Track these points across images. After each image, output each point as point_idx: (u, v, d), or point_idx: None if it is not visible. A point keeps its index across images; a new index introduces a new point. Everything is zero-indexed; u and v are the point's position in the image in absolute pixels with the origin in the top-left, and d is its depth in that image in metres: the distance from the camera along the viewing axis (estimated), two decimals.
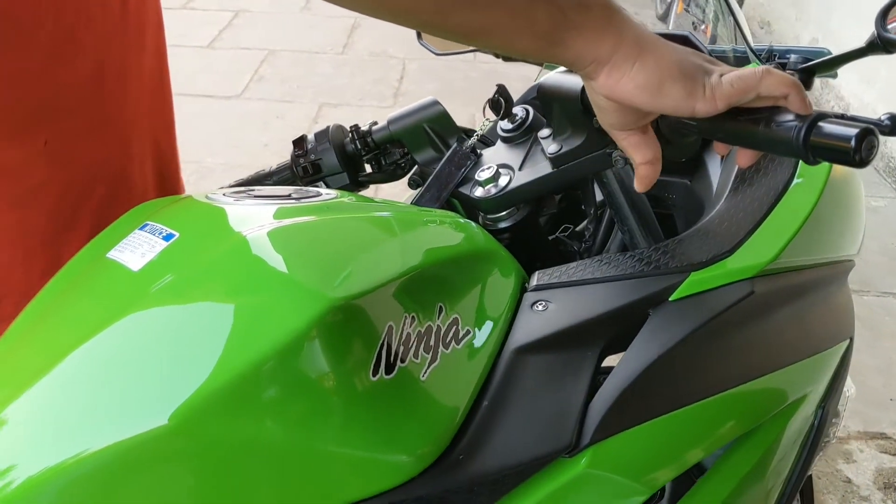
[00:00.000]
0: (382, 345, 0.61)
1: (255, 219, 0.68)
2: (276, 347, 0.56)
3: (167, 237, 0.66)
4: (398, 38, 4.21)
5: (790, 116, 0.63)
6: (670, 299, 0.74)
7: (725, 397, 0.76)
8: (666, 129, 0.73)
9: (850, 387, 1.01)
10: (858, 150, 0.58)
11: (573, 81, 0.80)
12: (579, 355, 0.72)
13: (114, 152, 0.89)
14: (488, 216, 0.91)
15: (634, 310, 0.74)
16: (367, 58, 4.38)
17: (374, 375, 0.60)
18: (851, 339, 0.95)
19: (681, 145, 0.78)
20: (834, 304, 0.92)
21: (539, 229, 0.95)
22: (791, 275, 0.82)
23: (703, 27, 4.27)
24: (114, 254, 0.67)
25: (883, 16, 0.85)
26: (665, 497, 0.78)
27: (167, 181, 1.00)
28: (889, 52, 0.83)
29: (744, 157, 0.71)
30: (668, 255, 0.78)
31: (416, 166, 0.99)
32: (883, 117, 0.69)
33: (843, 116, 0.62)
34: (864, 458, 2.15)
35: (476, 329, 0.70)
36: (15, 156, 0.80)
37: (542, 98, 0.86)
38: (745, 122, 0.66)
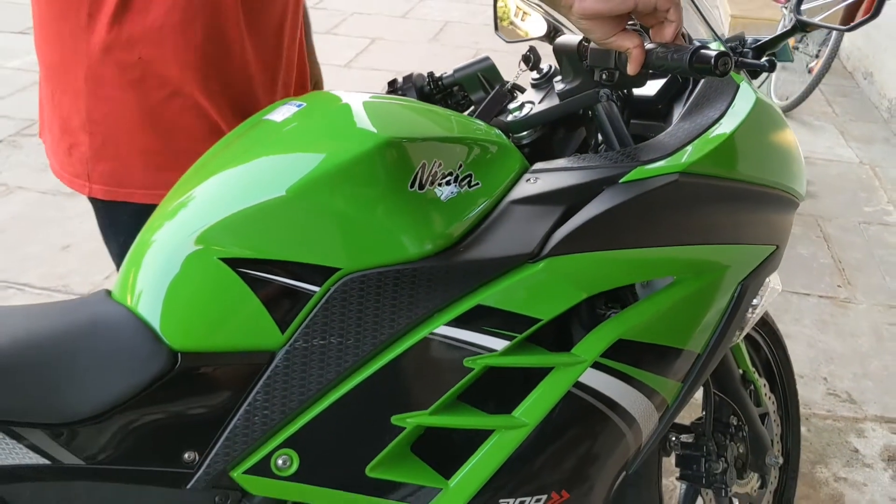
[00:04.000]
0: (418, 172, 0.97)
1: (355, 99, 1.05)
2: (356, 154, 0.93)
3: (299, 106, 1.05)
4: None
5: (684, 50, 0.96)
6: (620, 182, 1.07)
7: (659, 251, 1.07)
8: (621, 66, 1.06)
9: (777, 283, 1.29)
10: (717, 66, 0.91)
11: (573, 40, 1.14)
12: (552, 210, 1.05)
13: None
14: (514, 135, 1.25)
15: (595, 186, 1.06)
16: None
17: (410, 188, 0.96)
18: (778, 247, 1.24)
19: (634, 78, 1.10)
20: (763, 217, 1.21)
21: (552, 151, 1.28)
22: (718, 180, 1.12)
23: (812, 64, 4.50)
24: (267, 117, 1.06)
25: (798, 3, 1.16)
26: (605, 313, 1.10)
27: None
28: (805, 31, 1.15)
29: (632, 67, 1.02)
30: (625, 156, 1.10)
31: (472, 106, 1.35)
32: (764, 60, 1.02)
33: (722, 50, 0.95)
34: (876, 436, 2.34)
35: (484, 184, 1.05)
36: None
37: (556, 53, 1.20)
38: (662, 54, 0.99)
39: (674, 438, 1.50)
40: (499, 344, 1.00)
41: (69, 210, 3.14)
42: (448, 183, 1.00)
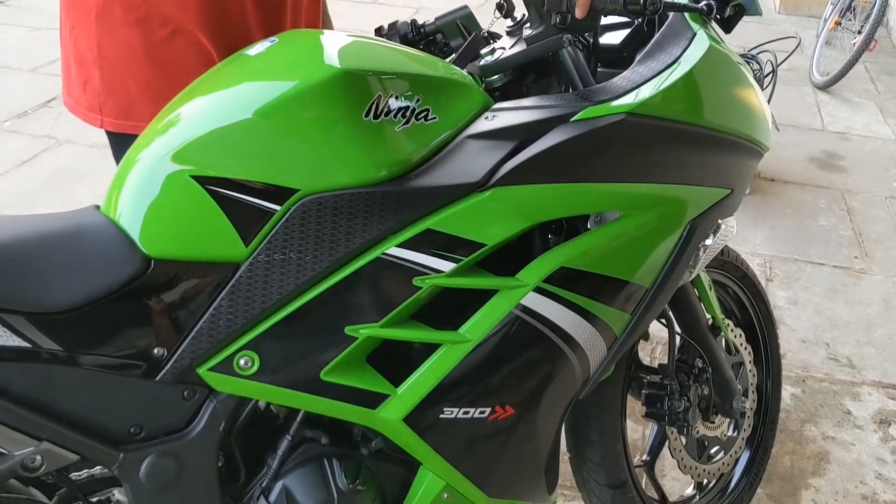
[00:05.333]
0: (373, 102, 1.04)
1: (327, 37, 1.13)
2: (316, 81, 1.02)
3: (272, 41, 1.14)
4: None
5: None
6: (571, 120, 1.13)
7: (604, 186, 1.14)
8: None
9: (732, 226, 1.34)
10: (646, 6, 0.98)
11: None
12: (504, 144, 1.11)
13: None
14: (486, 79, 1.32)
15: (546, 124, 1.13)
16: None
17: (365, 117, 1.04)
18: (733, 192, 1.29)
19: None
20: (716, 161, 1.26)
21: (524, 95, 1.34)
22: (667, 122, 1.17)
23: (854, 40, 4.44)
24: (245, 52, 1.15)
25: None
26: (551, 241, 1.17)
27: None
28: None
29: (580, 11, 1.09)
30: (579, 96, 1.16)
31: (452, 52, 1.42)
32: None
33: None
34: (871, 400, 2.36)
35: (441, 119, 1.12)
36: None
37: (525, 2, 1.26)
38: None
39: (643, 377, 1.56)
40: (446, 266, 1.07)
41: (114, 162, 3.29)
42: (403, 115, 1.08)
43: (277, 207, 1.02)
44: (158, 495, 1.05)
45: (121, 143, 1.47)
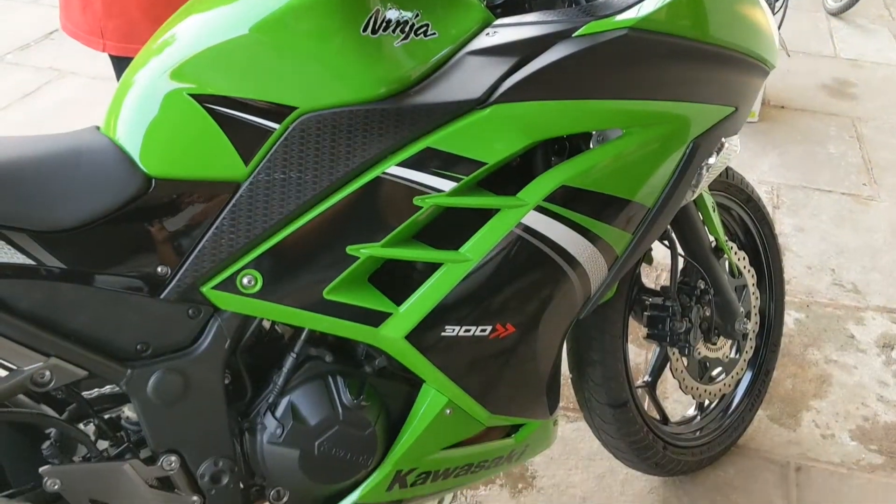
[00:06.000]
0: (371, 16, 1.03)
1: None
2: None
3: None
4: None
5: None
6: (572, 35, 1.11)
7: (606, 103, 1.12)
8: None
9: (735, 145, 1.32)
10: None
11: None
12: (505, 60, 1.10)
13: None
14: None
15: (548, 39, 1.11)
16: None
17: (363, 31, 1.02)
18: (738, 109, 1.27)
19: None
20: (721, 78, 1.24)
21: (523, 11, 1.32)
22: (671, 37, 1.15)
23: None
24: None
25: None
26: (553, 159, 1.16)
27: None
28: None
29: None
30: (582, 11, 1.14)
31: None
32: None
33: None
34: (875, 324, 2.36)
35: (440, 35, 1.10)
36: None
37: None
38: None
39: (645, 299, 1.57)
40: (446, 185, 1.07)
41: None
42: (402, 30, 1.06)
43: (276, 126, 1.01)
44: (167, 411, 1.07)
45: (124, 67, 1.45)
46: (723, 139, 1.29)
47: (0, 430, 1.08)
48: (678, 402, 2.00)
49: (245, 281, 1.05)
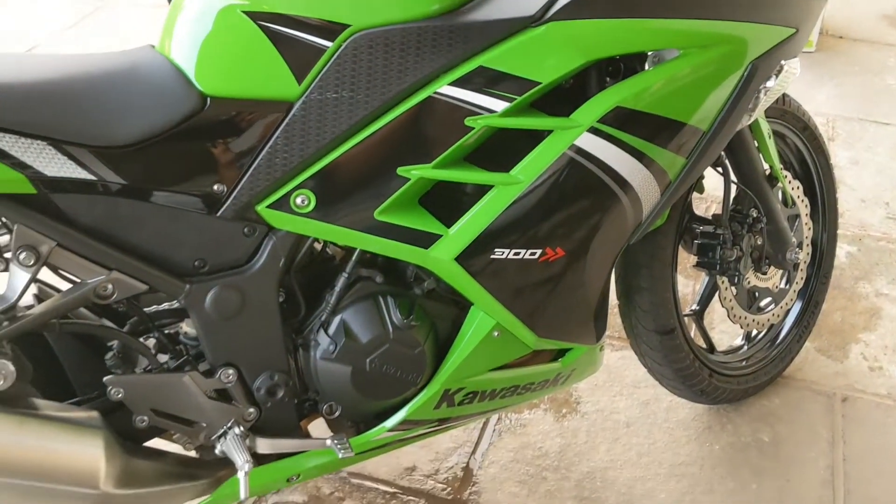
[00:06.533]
0: None
1: None
2: None
3: None
4: None
5: None
6: None
7: (665, 22, 1.09)
8: None
9: (795, 68, 1.28)
10: None
11: None
12: None
13: None
14: None
15: None
16: None
17: None
18: (798, 31, 1.23)
19: None
20: None
21: None
22: None
23: None
24: None
25: None
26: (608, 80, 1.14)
27: None
28: None
29: None
30: None
31: None
32: None
33: None
34: None
35: None
36: None
37: None
38: None
39: (696, 228, 1.54)
40: (499, 105, 1.06)
41: None
42: None
43: (329, 44, 1.01)
44: (224, 325, 1.09)
45: None
46: (782, 62, 1.25)
47: (65, 341, 1.12)
48: (724, 334, 1.99)
49: (298, 201, 1.06)
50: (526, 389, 1.33)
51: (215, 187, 1.03)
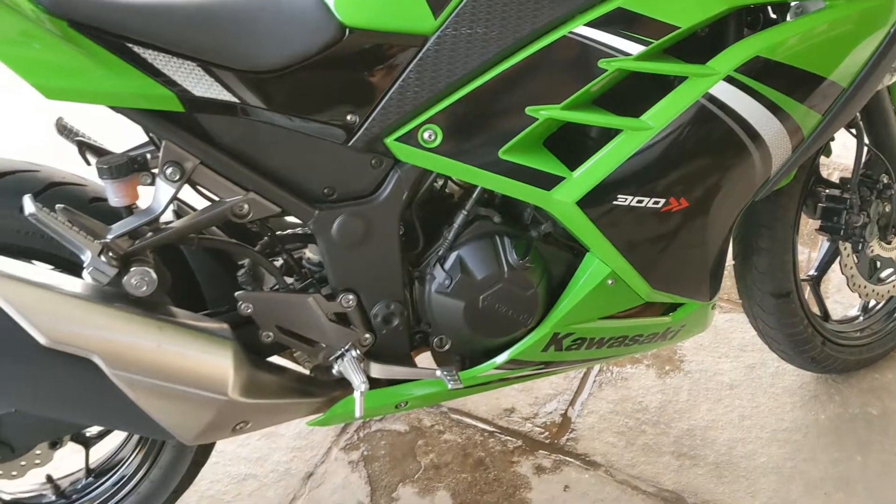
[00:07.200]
0: None
1: None
2: None
3: None
4: None
5: None
6: None
7: None
8: None
9: None
10: None
11: None
12: None
13: None
14: None
15: None
16: None
17: None
18: None
19: None
20: None
21: None
22: None
23: None
24: None
25: None
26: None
27: None
28: None
29: None
30: None
31: None
32: None
33: None
34: None
35: None
36: None
37: None
38: None
39: (821, 191, 1.49)
40: (634, 48, 1.04)
41: None
42: None
43: None
44: (348, 252, 1.13)
45: None
46: None
47: (201, 256, 1.18)
48: (838, 304, 1.92)
49: (426, 135, 1.07)
50: (634, 341, 1.33)
51: (348, 117, 1.06)
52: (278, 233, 1.20)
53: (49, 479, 1.33)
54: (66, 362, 0.98)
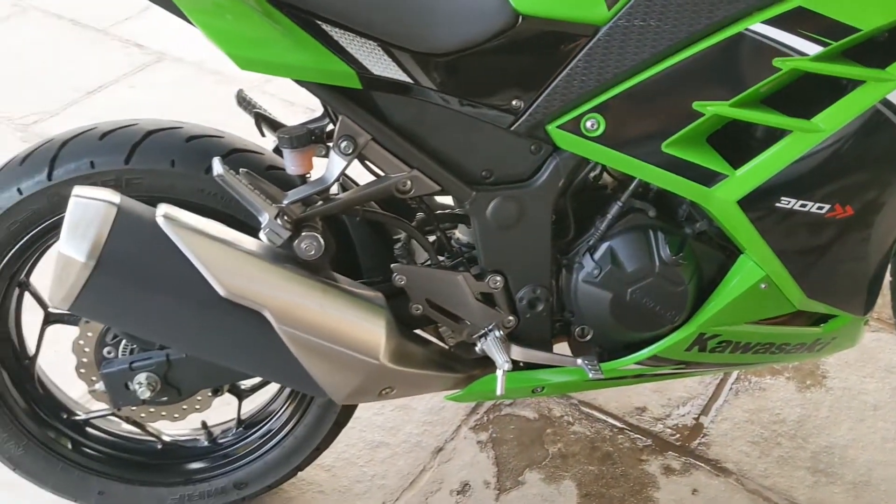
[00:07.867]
0: None
1: None
2: None
3: None
4: None
5: None
6: None
7: None
8: None
9: None
10: None
11: None
12: None
13: None
14: None
15: None
16: None
17: None
18: None
19: None
20: None
21: None
22: None
23: None
24: None
25: None
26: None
27: None
28: None
29: None
30: None
31: None
32: None
33: None
34: None
35: None
36: None
37: None
38: None
39: None
40: (812, 49, 1.01)
41: None
42: None
43: None
44: (500, 234, 1.15)
45: None
46: None
47: (360, 227, 1.23)
48: None
49: (588, 124, 1.08)
50: (780, 349, 1.29)
51: (514, 102, 1.08)
52: (435, 212, 1.24)
53: (204, 424, 1.43)
54: (239, 314, 1.05)
